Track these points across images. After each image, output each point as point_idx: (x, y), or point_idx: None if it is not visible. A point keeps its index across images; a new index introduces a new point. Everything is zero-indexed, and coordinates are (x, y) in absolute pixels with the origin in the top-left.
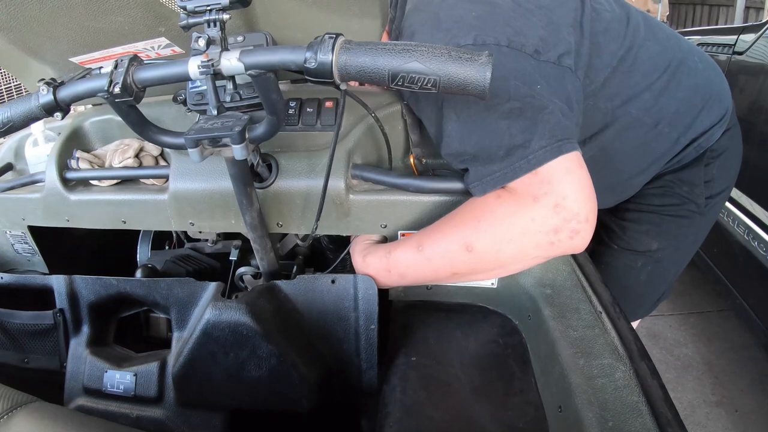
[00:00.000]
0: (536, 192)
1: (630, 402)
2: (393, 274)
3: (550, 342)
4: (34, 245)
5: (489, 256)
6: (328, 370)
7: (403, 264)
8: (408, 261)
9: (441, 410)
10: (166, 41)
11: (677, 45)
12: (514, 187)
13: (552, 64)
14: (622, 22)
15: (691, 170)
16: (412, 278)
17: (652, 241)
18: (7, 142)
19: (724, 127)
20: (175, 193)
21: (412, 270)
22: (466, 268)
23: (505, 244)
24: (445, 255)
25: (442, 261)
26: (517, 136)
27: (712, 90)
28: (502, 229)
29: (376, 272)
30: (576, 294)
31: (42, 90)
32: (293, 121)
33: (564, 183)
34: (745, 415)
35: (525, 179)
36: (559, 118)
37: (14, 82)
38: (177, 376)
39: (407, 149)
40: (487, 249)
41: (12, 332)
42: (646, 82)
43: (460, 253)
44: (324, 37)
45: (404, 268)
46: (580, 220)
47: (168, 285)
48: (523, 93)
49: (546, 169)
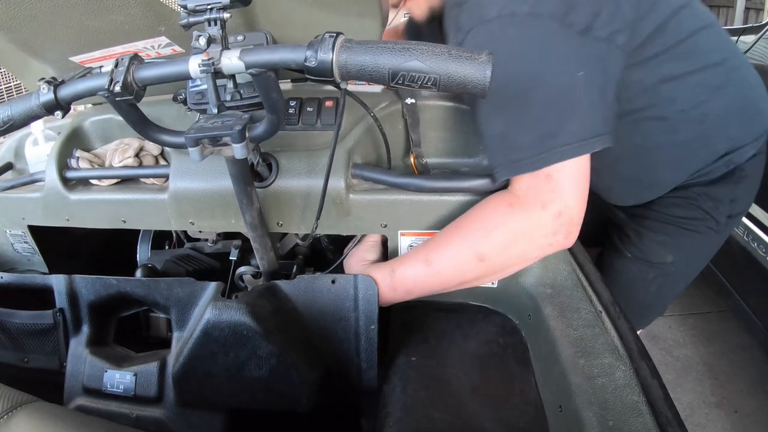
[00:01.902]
0: (545, 199)
1: (630, 402)
2: (399, 292)
3: (550, 342)
4: (34, 245)
5: (498, 263)
6: (328, 370)
7: (410, 280)
8: (415, 276)
9: (441, 410)
10: (166, 40)
11: (734, 51)
12: (525, 191)
13: (601, 42)
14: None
15: (721, 187)
16: (418, 293)
17: (667, 254)
18: (7, 142)
19: (757, 147)
20: (175, 193)
21: (419, 285)
22: (474, 276)
23: (513, 250)
24: (457, 266)
25: (452, 272)
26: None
27: (756, 107)
28: (512, 237)
29: (381, 292)
30: (576, 293)
31: (42, 89)
32: (293, 121)
33: (570, 192)
34: (745, 416)
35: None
36: (588, 115)
37: (14, 81)
38: (177, 376)
39: (408, 149)
40: (498, 256)
41: (12, 332)
42: (699, 71)
43: (472, 263)
44: (324, 36)
45: (411, 284)
46: (575, 224)
47: (168, 285)
48: (562, 82)
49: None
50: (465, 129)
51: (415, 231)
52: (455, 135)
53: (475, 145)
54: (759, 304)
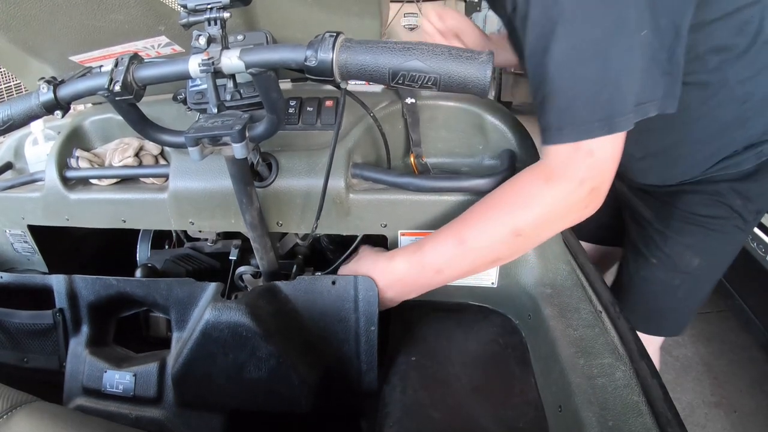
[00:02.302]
0: (584, 175)
1: (630, 401)
2: (427, 271)
3: (550, 342)
4: (34, 244)
5: (532, 238)
6: (327, 371)
7: (440, 259)
8: (447, 255)
9: (441, 410)
10: (166, 40)
11: None
12: (563, 165)
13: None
14: None
15: (751, 183)
16: (448, 273)
17: (694, 258)
18: (7, 141)
19: None
20: (175, 192)
21: (451, 264)
22: (509, 253)
23: (548, 225)
24: (493, 243)
25: (488, 250)
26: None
27: None
28: (549, 212)
29: (407, 274)
30: (576, 293)
31: (42, 88)
32: (293, 120)
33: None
34: (744, 415)
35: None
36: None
37: (14, 81)
38: (176, 377)
39: (408, 148)
40: (533, 230)
41: (11, 332)
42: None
43: (508, 239)
44: (324, 36)
45: (442, 263)
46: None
47: (168, 285)
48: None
49: (603, 151)
50: (465, 129)
51: (415, 231)
52: (455, 135)
53: (475, 145)
54: (758, 304)
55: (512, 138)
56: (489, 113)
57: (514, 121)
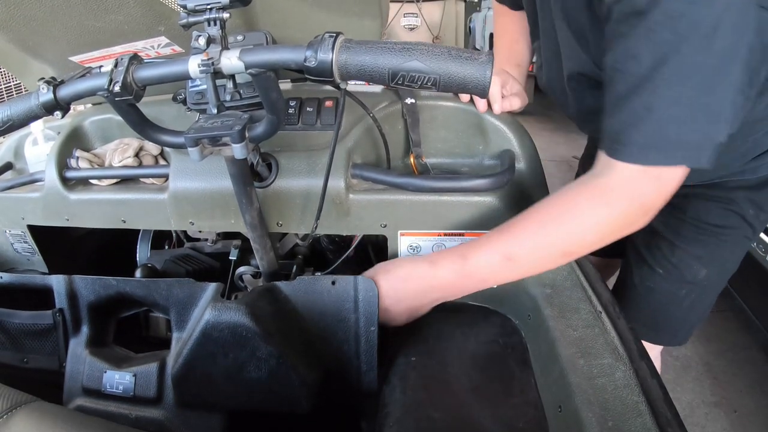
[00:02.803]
0: (645, 200)
1: (630, 402)
2: (473, 280)
3: (550, 342)
4: (34, 245)
5: (578, 256)
6: (327, 371)
7: (486, 270)
8: (493, 267)
9: (441, 410)
10: (165, 40)
11: None
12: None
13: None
14: None
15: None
16: (492, 283)
17: (701, 269)
18: (7, 141)
19: None
20: (175, 193)
21: (496, 276)
22: (553, 267)
23: (598, 245)
24: (541, 262)
25: (535, 267)
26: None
27: None
28: (603, 233)
29: (452, 282)
30: (576, 294)
31: (42, 88)
32: (293, 121)
33: (670, 195)
34: (744, 415)
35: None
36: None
37: (14, 81)
38: (176, 377)
39: (407, 149)
40: (582, 251)
41: (11, 332)
42: None
43: (557, 259)
44: (324, 36)
45: (487, 274)
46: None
47: (167, 285)
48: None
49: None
50: (465, 129)
51: (415, 231)
52: (455, 135)
53: (475, 145)
54: (758, 304)
55: (512, 138)
56: (489, 113)
57: (514, 121)
